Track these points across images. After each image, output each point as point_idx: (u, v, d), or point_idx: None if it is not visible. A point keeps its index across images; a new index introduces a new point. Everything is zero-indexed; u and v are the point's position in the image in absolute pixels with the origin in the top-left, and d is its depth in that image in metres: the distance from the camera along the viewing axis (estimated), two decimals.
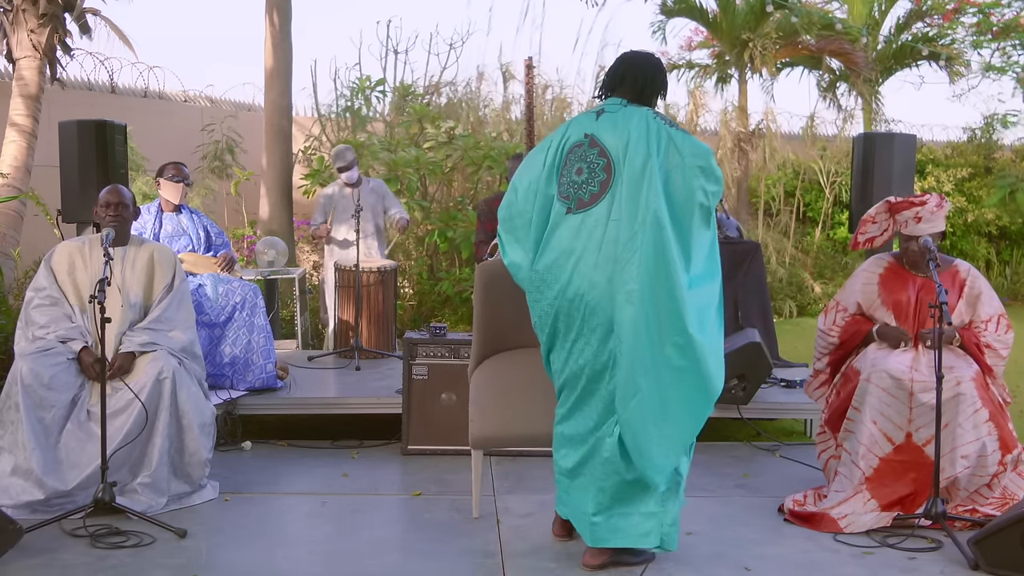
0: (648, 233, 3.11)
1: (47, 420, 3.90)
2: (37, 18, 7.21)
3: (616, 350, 3.17)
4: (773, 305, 8.43)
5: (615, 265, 3.15)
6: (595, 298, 3.18)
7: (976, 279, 4.16)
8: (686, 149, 3.20)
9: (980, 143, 12.75)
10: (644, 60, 3.40)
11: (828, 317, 4.31)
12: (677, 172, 3.18)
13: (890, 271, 4.21)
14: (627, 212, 3.14)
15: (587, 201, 3.23)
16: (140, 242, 4.37)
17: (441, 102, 9.96)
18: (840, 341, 4.24)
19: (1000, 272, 12.02)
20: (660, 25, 11.65)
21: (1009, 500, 3.83)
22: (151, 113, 9.69)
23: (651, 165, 3.15)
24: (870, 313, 4.22)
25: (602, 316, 3.18)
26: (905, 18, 12.59)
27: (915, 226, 4.07)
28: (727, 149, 10.87)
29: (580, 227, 3.23)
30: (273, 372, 5.32)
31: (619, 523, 3.32)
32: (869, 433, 3.90)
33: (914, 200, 4.09)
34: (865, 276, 4.25)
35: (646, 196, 3.13)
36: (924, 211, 4.05)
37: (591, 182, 3.24)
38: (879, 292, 4.19)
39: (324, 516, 4.00)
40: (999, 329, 4.10)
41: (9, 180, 7.01)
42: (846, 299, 4.29)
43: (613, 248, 3.16)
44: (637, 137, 3.19)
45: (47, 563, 3.42)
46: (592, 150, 3.26)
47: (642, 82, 3.35)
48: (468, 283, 8.12)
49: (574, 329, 3.25)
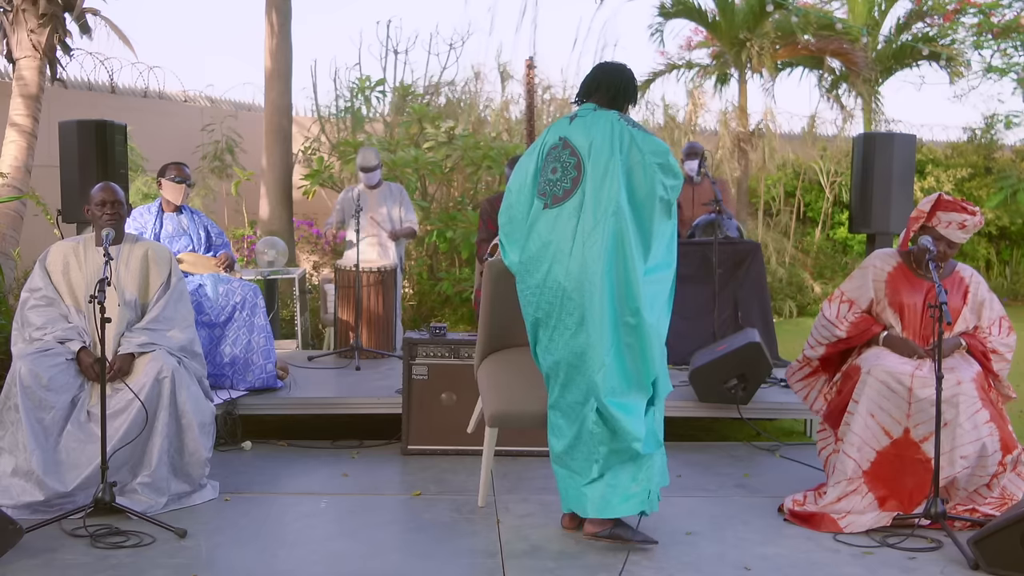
0: (610, 222, 3.42)
1: (47, 421, 3.90)
2: (37, 18, 7.21)
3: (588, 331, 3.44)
4: (773, 305, 8.43)
5: (584, 253, 3.44)
6: (570, 285, 3.47)
7: (979, 284, 4.15)
8: (646, 148, 3.50)
9: (980, 143, 12.75)
10: (618, 71, 3.70)
11: (833, 306, 4.24)
12: (639, 168, 3.49)
13: (898, 271, 4.18)
14: (592, 204, 3.45)
15: (560, 197, 3.54)
16: (135, 239, 4.37)
17: (441, 102, 9.96)
18: (848, 336, 4.19)
19: (1000, 272, 12.03)
20: (658, 27, 11.64)
21: (1008, 500, 3.84)
22: (151, 113, 9.69)
23: (614, 162, 3.46)
24: (876, 312, 4.20)
25: (577, 301, 3.46)
26: (905, 18, 12.59)
27: (956, 232, 4.00)
28: (727, 149, 10.87)
29: (555, 221, 3.53)
30: (273, 372, 5.32)
31: (610, 494, 3.53)
32: (866, 425, 3.90)
33: (967, 207, 4.00)
34: (875, 272, 4.20)
35: (609, 189, 3.44)
36: (971, 222, 3.99)
37: (564, 179, 3.55)
38: (885, 290, 4.17)
39: (324, 516, 4.00)
40: (1001, 332, 4.10)
41: (9, 180, 7.00)
42: (855, 293, 4.22)
43: (583, 238, 3.45)
44: (602, 137, 3.50)
45: (47, 563, 3.42)
46: (565, 151, 3.57)
47: (614, 90, 3.64)
48: (468, 283, 8.12)
49: (553, 317, 3.53)
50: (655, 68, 11.75)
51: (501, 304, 4.05)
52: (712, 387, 5.04)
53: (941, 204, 4.03)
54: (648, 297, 3.46)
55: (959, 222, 3.99)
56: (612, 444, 3.49)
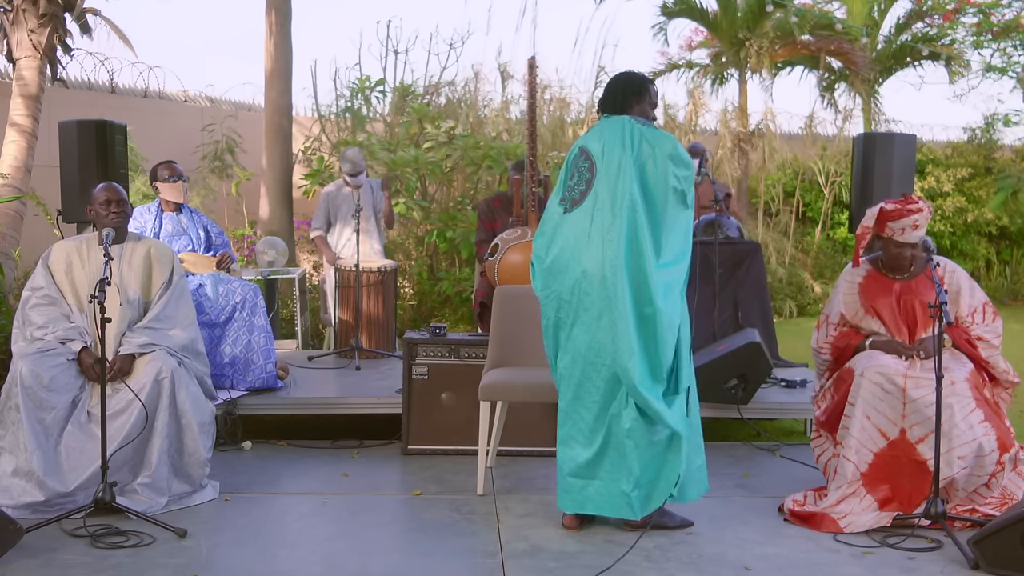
0: (625, 216, 3.57)
1: (47, 421, 3.90)
2: (37, 18, 7.20)
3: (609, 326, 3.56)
4: (773, 305, 8.42)
5: (604, 247, 3.57)
6: (591, 280, 3.60)
7: (954, 273, 4.13)
8: (656, 141, 3.66)
9: (980, 143, 12.74)
10: (618, 76, 3.92)
11: (820, 333, 4.27)
12: (650, 161, 3.64)
13: (869, 278, 4.19)
14: (608, 201, 3.61)
15: (577, 199, 3.72)
16: (137, 239, 4.37)
17: (441, 102, 9.95)
18: (832, 358, 4.21)
19: (1000, 272, 12.02)
20: (661, 26, 11.65)
21: (1008, 500, 3.83)
22: (151, 113, 9.69)
23: (626, 158, 3.62)
24: (855, 323, 4.20)
25: (599, 295, 3.58)
26: (905, 18, 12.58)
27: (911, 233, 4.00)
28: (727, 149, 10.87)
29: (574, 222, 3.70)
30: (273, 372, 5.32)
31: (651, 489, 3.65)
32: (862, 427, 3.90)
33: (911, 207, 3.98)
34: (845, 287, 4.22)
35: (622, 184, 3.60)
36: (921, 217, 3.99)
37: (580, 183, 3.74)
38: (860, 300, 4.17)
39: (324, 516, 4.00)
40: (985, 318, 4.09)
41: (9, 180, 7.00)
42: (830, 310, 4.26)
43: (602, 233, 3.59)
44: (613, 138, 3.68)
45: (47, 563, 3.42)
46: (581, 157, 3.77)
47: (618, 93, 3.82)
48: (468, 283, 8.12)
49: (571, 314, 3.66)
50: (655, 68, 11.76)
51: (510, 323, 4.45)
52: (712, 387, 5.03)
53: (885, 215, 4.03)
54: (662, 287, 3.57)
55: (911, 224, 3.98)
56: (651, 435, 3.60)
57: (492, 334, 4.49)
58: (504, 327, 4.49)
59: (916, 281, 4.11)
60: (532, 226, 5.42)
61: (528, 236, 5.39)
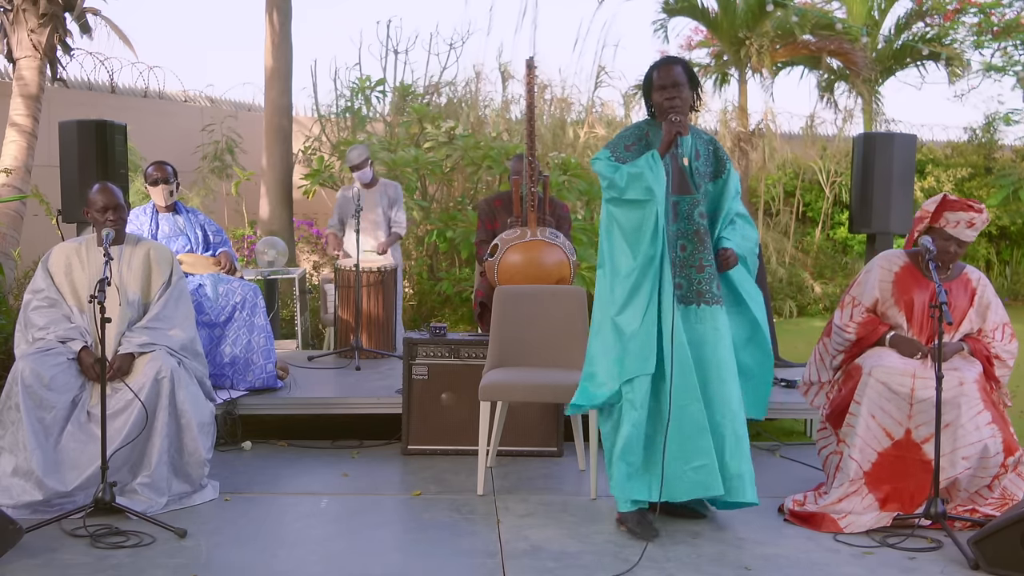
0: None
1: (47, 421, 3.90)
2: (37, 18, 7.21)
3: None
4: (773, 305, 8.43)
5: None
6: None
7: (986, 287, 4.13)
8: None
9: (980, 143, 12.75)
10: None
11: (844, 312, 4.22)
12: None
13: (905, 271, 4.15)
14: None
15: None
16: (136, 240, 4.37)
17: (441, 102, 9.95)
18: (857, 338, 4.17)
19: (1000, 272, 12.02)
20: (662, 24, 11.66)
21: (1009, 500, 3.83)
22: (151, 113, 9.69)
23: None
24: (882, 311, 4.17)
25: None
26: (905, 18, 12.59)
27: (965, 230, 3.97)
28: (727, 149, 10.87)
29: None
30: (273, 372, 5.32)
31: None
32: (867, 427, 3.90)
33: (973, 205, 3.98)
34: (880, 273, 4.18)
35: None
36: (979, 219, 3.97)
37: None
38: (892, 291, 4.15)
39: (324, 516, 4.00)
40: (1004, 338, 4.08)
41: (9, 180, 7.01)
42: (862, 294, 4.20)
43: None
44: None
45: (47, 563, 3.42)
46: None
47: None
48: (468, 283, 8.11)
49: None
50: None
51: (510, 324, 4.48)
52: None
53: (947, 204, 4.00)
54: None
55: (967, 220, 3.96)
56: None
57: (492, 334, 4.51)
58: (504, 327, 4.51)
59: (950, 284, 4.09)
60: (532, 226, 5.41)
61: (528, 236, 5.38)
